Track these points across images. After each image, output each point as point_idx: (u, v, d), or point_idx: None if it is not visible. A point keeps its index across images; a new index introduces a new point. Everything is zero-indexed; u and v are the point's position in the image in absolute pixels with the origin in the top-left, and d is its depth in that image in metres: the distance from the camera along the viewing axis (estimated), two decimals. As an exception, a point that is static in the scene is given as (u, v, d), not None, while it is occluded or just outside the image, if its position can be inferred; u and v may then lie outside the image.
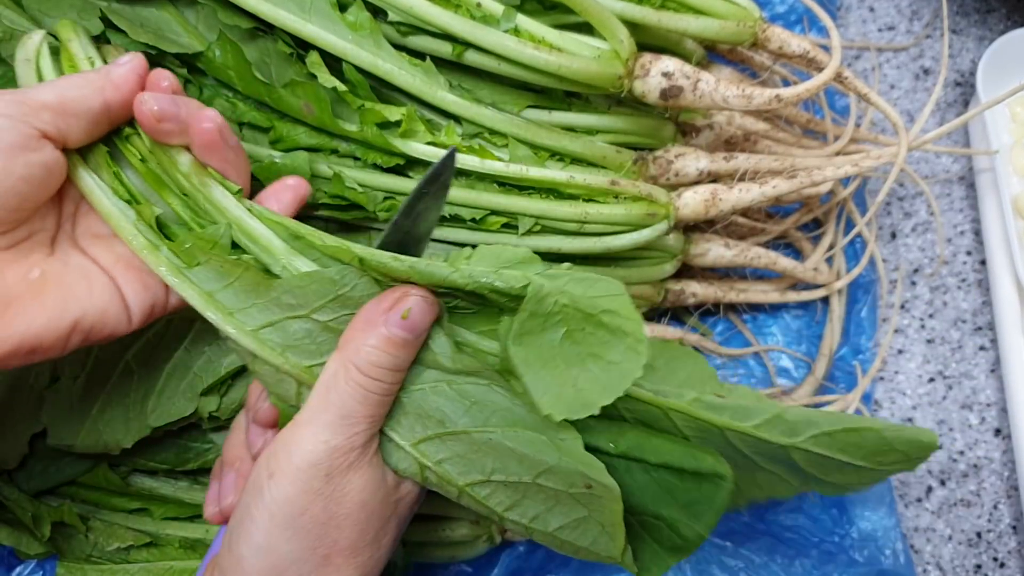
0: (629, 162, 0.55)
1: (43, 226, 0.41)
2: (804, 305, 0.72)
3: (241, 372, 0.51)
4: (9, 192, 0.37)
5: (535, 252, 0.52)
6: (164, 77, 0.43)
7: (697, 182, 0.58)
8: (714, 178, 0.58)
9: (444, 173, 0.41)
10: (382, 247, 0.40)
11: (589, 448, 0.40)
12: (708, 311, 0.68)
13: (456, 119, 0.52)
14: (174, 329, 0.51)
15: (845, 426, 0.42)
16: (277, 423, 0.43)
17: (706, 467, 0.41)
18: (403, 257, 0.38)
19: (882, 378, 0.70)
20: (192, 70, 0.51)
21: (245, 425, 0.45)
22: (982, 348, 0.70)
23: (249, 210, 0.42)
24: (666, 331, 0.65)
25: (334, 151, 0.52)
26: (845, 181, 0.69)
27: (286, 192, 0.46)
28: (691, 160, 0.57)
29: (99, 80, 0.41)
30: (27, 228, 0.40)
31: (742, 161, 0.57)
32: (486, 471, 0.40)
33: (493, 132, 0.52)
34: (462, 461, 0.40)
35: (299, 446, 0.37)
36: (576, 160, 0.54)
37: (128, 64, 0.42)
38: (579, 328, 0.37)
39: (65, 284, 0.40)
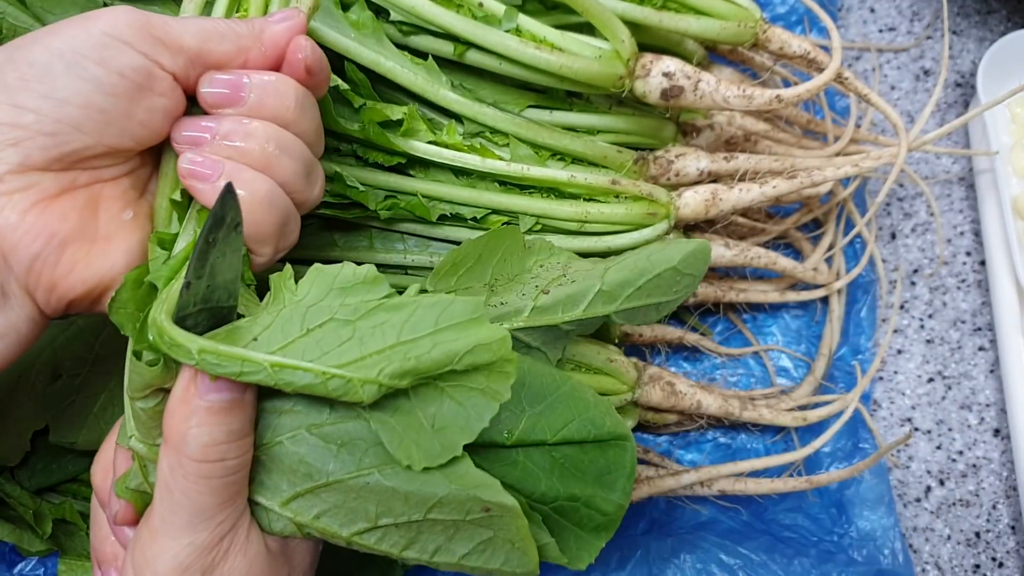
0: (630, 162, 0.55)
1: (147, 162, 0.39)
2: (803, 305, 0.72)
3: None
4: (125, 134, 0.35)
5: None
6: (301, 48, 0.39)
7: (698, 182, 0.58)
8: (714, 178, 0.58)
9: (228, 213, 0.34)
10: (181, 313, 0.34)
11: (483, 445, 0.37)
12: (708, 310, 0.68)
13: (458, 118, 0.52)
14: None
15: (650, 276, 0.45)
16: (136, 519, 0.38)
17: (606, 432, 0.39)
18: (191, 343, 0.32)
19: (881, 378, 0.70)
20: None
21: (106, 518, 0.39)
22: (981, 349, 0.70)
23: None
24: (666, 331, 0.65)
25: (336, 150, 0.52)
26: (845, 182, 0.69)
27: None
28: (691, 160, 0.57)
29: (248, 38, 0.38)
30: (134, 163, 0.38)
31: (742, 161, 0.57)
32: (370, 517, 0.36)
33: (494, 131, 0.52)
34: (341, 511, 0.36)
35: (162, 556, 0.33)
36: (577, 160, 0.54)
37: (284, 24, 0.38)
38: (431, 378, 0.34)
39: (150, 230, 0.38)
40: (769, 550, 0.60)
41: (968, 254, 0.73)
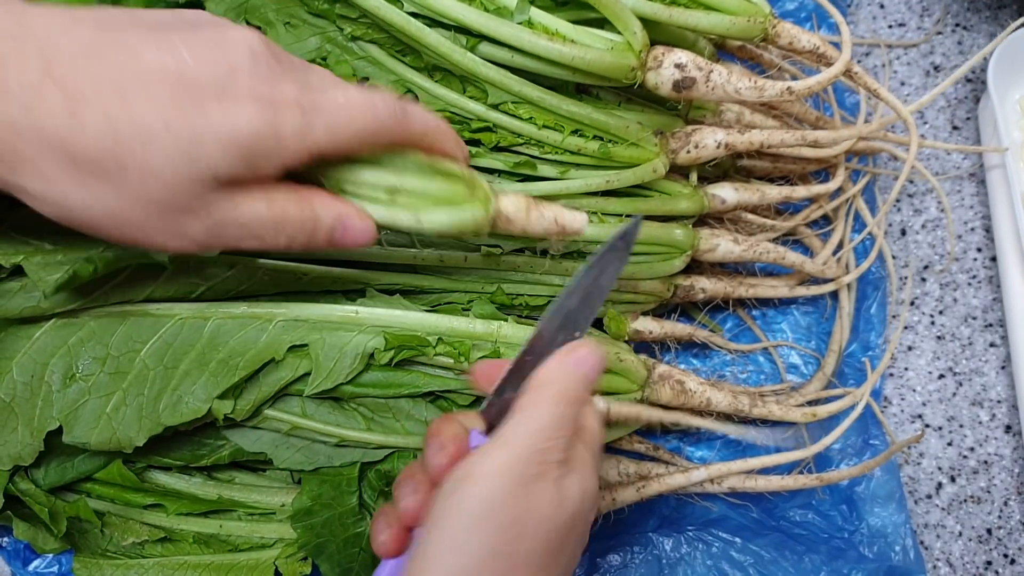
0: (649, 134, 0.56)
1: None
2: (813, 301, 0.72)
3: (255, 375, 0.52)
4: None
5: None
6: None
7: (715, 156, 0.58)
8: (732, 150, 0.59)
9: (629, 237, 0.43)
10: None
11: None
12: (717, 307, 0.68)
13: (482, 88, 0.52)
14: (188, 329, 0.51)
15: None
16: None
17: None
18: None
19: (892, 375, 0.70)
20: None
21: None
22: (992, 345, 0.70)
23: None
24: (675, 327, 0.65)
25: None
26: (855, 178, 0.69)
27: None
28: (708, 133, 0.58)
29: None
30: None
31: (757, 134, 0.58)
32: None
33: (518, 102, 0.52)
34: None
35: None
36: (598, 136, 0.54)
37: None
38: None
39: None
40: (780, 547, 0.60)
41: (979, 250, 0.72)
